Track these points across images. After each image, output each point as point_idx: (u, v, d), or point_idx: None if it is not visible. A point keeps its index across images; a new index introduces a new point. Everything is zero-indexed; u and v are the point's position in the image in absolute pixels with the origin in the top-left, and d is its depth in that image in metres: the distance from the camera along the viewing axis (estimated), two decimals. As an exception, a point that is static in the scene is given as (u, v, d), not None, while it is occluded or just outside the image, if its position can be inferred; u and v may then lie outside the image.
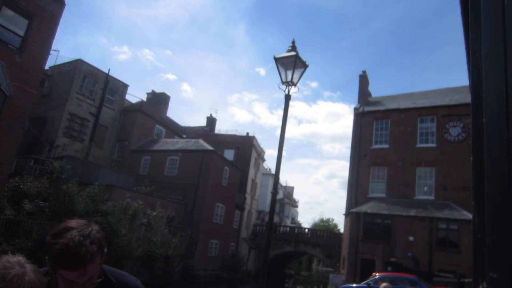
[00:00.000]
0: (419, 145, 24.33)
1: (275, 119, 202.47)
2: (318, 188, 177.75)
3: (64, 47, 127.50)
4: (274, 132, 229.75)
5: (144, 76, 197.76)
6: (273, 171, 50.96)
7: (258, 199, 45.51)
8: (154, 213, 22.03)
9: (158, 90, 43.04)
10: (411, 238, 20.93)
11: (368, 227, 22.47)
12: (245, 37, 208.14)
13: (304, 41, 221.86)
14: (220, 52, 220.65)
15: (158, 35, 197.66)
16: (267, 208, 49.83)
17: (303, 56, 6.62)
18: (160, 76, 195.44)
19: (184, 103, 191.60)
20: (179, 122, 44.31)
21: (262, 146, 43.13)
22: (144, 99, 39.54)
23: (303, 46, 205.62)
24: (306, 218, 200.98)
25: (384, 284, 7.75)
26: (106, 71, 31.94)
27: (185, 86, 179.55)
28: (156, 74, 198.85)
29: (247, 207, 38.55)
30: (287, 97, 6.46)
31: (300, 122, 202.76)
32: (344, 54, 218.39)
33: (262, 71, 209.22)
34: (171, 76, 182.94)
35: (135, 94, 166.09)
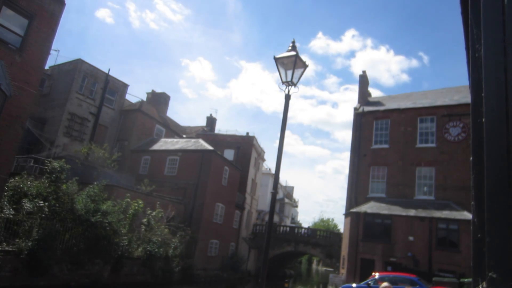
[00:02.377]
0: (419, 145, 24.33)
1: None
2: (330, 183, 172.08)
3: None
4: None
5: (132, 53, 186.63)
6: (273, 171, 50.95)
7: (258, 199, 45.51)
8: (154, 213, 22.04)
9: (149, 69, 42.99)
10: (411, 238, 20.92)
11: (368, 227, 22.47)
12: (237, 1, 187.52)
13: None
14: (209, 25, 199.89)
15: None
16: (267, 208, 49.83)
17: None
18: (145, 51, 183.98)
19: (181, 77, 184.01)
20: (179, 121, 44.36)
21: (262, 146, 43.16)
22: (144, 99, 39.56)
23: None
24: (310, 217, 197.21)
25: (384, 284, 7.75)
26: (106, 71, 31.97)
27: (186, 61, 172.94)
28: (142, 52, 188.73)
29: (247, 207, 38.55)
30: (287, 97, 6.46)
31: (322, 102, 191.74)
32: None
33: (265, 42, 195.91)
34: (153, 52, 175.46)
35: (135, 94, 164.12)
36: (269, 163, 63.04)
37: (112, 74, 32.71)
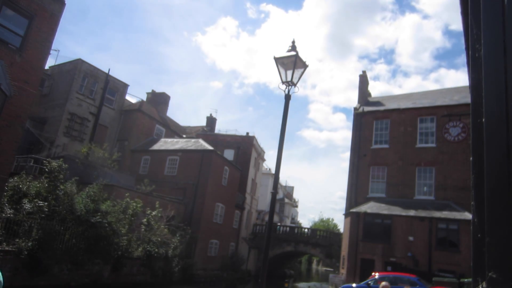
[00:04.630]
0: (419, 145, 24.33)
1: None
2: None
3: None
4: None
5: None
6: (273, 171, 50.95)
7: (258, 199, 45.50)
8: (154, 213, 22.04)
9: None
10: (410, 238, 20.92)
11: (367, 227, 22.47)
12: None
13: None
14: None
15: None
16: (267, 208, 49.83)
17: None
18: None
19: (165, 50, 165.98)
20: (179, 121, 44.36)
21: (262, 146, 43.15)
22: (144, 99, 39.58)
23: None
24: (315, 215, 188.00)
25: (383, 283, 7.76)
26: (106, 71, 31.97)
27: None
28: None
29: (247, 207, 38.55)
30: (287, 97, 6.46)
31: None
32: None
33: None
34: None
35: (135, 94, 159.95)
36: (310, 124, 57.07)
37: (92, 58, 32.69)
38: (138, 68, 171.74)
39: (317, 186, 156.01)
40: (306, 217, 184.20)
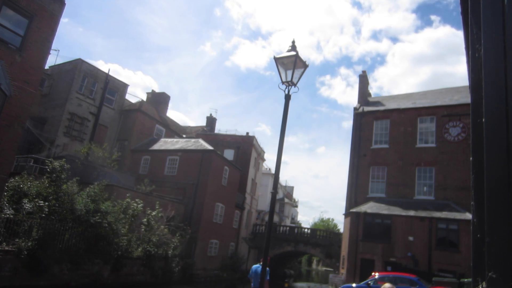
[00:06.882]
0: (418, 145, 24.32)
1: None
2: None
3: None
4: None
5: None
6: (273, 171, 50.93)
7: (258, 199, 45.50)
8: (154, 213, 22.03)
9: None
10: (410, 238, 20.92)
11: (367, 227, 22.47)
12: None
13: None
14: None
15: None
16: (267, 208, 49.82)
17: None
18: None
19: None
20: (179, 121, 44.37)
21: (262, 146, 43.17)
22: (144, 99, 39.59)
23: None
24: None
25: (386, 285, 7.74)
26: (106, 70, 31.97)
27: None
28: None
29: (247, 207, 38.55)
30: (287, 97, 6.46)
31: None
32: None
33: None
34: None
35: (135, 94, 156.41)
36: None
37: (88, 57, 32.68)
38: (116, 43, 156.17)
39: (324, 183, 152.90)
40: (311, 216, 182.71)
